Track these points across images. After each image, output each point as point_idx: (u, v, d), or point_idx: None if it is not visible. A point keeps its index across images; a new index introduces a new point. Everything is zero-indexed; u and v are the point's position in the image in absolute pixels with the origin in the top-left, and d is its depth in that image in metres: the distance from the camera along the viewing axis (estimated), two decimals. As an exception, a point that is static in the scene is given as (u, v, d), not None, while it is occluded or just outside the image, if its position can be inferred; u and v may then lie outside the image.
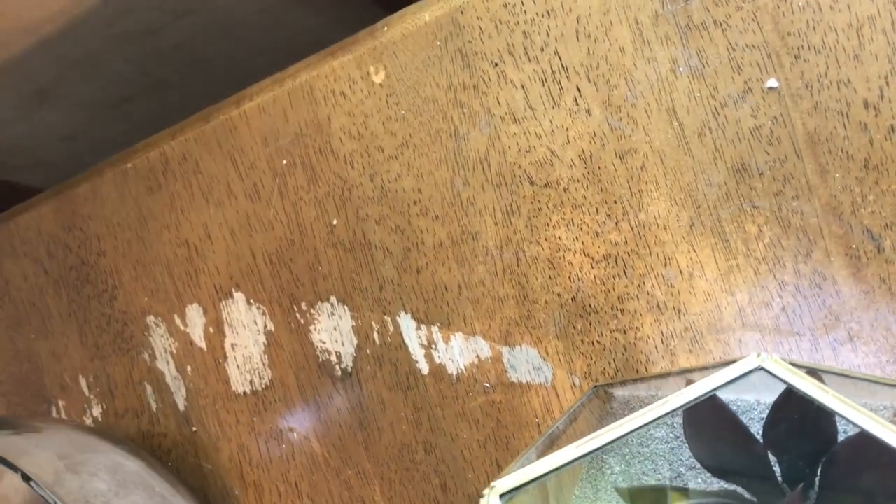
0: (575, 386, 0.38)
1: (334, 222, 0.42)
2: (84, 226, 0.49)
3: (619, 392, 0.34)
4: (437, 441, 0.41)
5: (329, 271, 0.42)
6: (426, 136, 0.39)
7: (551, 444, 0.31)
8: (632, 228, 0.36)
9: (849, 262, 0.32)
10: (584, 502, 0.31)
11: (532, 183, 0.37)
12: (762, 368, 0.24)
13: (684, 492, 0.30)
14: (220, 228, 0.45)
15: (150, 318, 0.47)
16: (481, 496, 0.23)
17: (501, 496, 0.23)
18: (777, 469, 0.27)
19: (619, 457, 0.31)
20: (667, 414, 0.24)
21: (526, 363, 0.38)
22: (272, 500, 0.45)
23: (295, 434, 0.44)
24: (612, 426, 0.24)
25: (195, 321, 0.46)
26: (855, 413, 0.21)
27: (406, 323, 0.41)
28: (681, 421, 0.30)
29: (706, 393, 0.24)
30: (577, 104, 0.36)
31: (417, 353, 0.41)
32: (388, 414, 0.42)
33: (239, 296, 0.45)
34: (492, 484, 0.23)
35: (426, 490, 0.41)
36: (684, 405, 0.24)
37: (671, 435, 0.31)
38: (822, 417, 0.25)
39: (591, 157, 0.36)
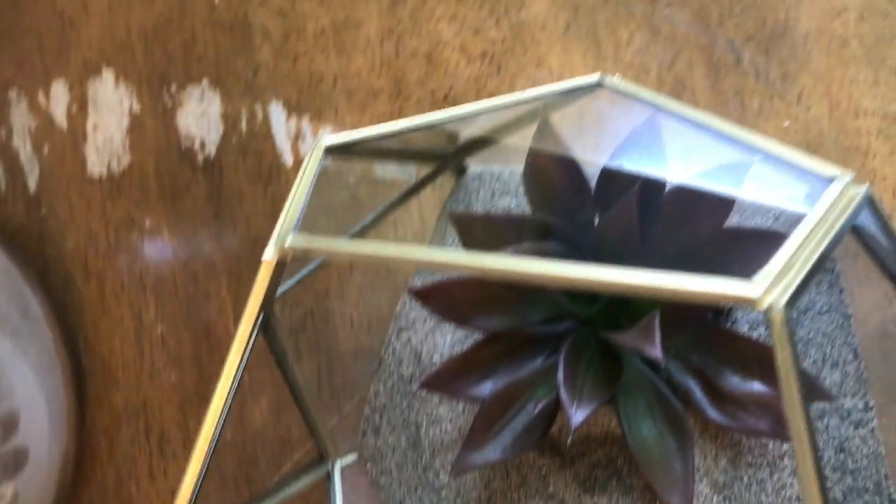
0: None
1: (216, 1, 0.40)
2: (-46, -7, 0.46)
3: (474, 168, 0.34)
4: (290, 234, 0.40)
5: (204, 52, 0.41)
6: (323, -82, 0.38)
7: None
8: (511, 27, 0.36)
9: (709, 73, 0.33)
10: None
11: (421, -26, 0.37)
12: (601, 86, 0.25)
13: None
14: (98, 0, 0.43)
15: (13, 93, 0.45)
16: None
17: (327, 150, 0.22)
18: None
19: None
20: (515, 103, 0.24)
21: (390, 159, 0.38)
22: (114, 291, 0.43)
23: (147, 223, 0.43)
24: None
25: (59, 98, 0.44)
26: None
27: (276, 112, 0.40)
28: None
29: (547, 94, 0.24)
30: None
31: (283, 145, 0.40)
32: (244, 207, 0.41)
33: (108, 74, 0.43)
34: (320, 137, 0.22)
35: (272, 281, 0.40)
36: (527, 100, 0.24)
37: (513, 204, 0.31)
38: (654, 165, 0.26)
39: (481, -48, 0.36)
